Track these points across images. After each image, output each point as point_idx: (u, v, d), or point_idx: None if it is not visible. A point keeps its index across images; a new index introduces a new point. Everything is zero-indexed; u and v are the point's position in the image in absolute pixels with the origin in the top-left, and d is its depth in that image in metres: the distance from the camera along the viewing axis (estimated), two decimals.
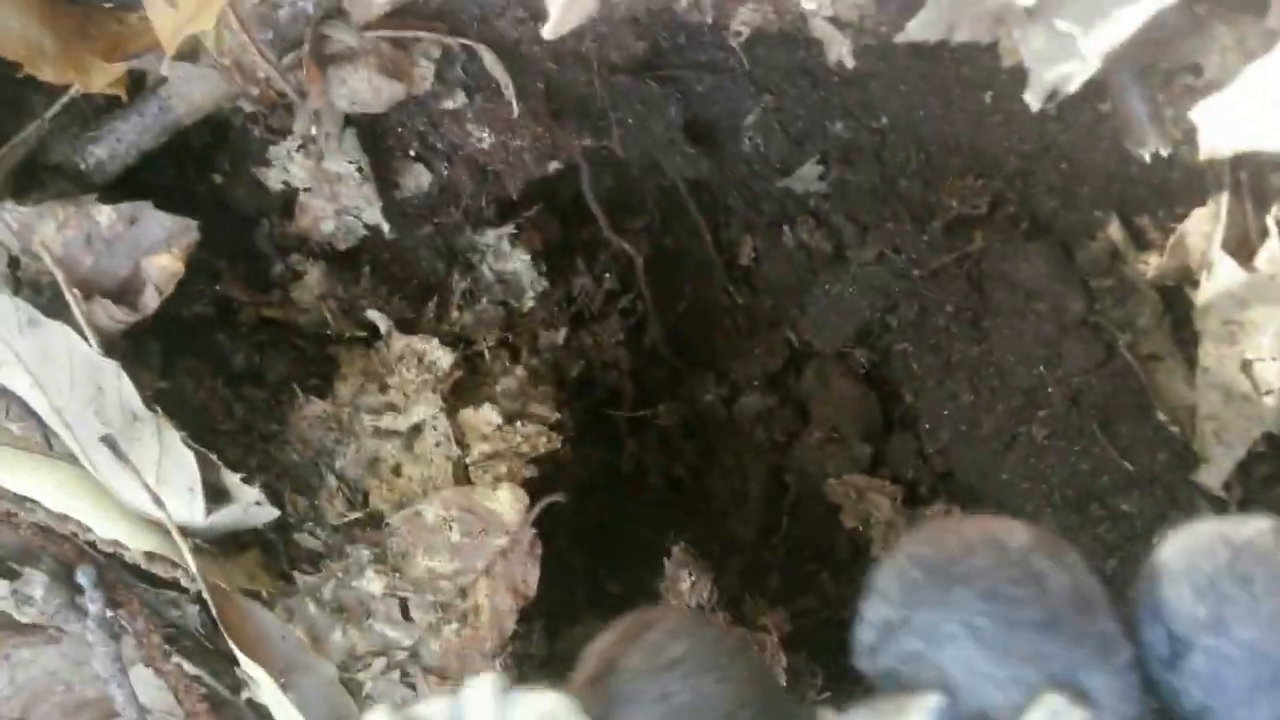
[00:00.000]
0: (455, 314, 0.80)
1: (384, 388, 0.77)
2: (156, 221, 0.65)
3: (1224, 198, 0.71)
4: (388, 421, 0.76)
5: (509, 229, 0.79)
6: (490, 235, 0.80)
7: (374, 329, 0.79)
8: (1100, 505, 0.86)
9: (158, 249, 0.64)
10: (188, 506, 0.65)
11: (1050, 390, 0.87)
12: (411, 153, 0.79)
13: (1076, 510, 0.87)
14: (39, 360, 0.64)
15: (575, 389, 0.88)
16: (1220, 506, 0.79)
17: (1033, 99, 0.61)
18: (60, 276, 0.64)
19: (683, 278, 1.00)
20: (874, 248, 0.92)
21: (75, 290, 0.64)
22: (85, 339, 0.64)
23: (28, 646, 0.76)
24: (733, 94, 0.91)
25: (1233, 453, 0.73)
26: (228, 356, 0.80)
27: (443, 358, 0.77)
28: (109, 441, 0.62)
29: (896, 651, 0.30)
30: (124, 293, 0.66)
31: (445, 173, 0.80)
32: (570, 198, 0.90)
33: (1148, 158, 0.67)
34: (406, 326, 0.79)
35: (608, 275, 0.87)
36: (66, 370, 0.64)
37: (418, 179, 0.80)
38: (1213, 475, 0.74)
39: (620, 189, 0.91)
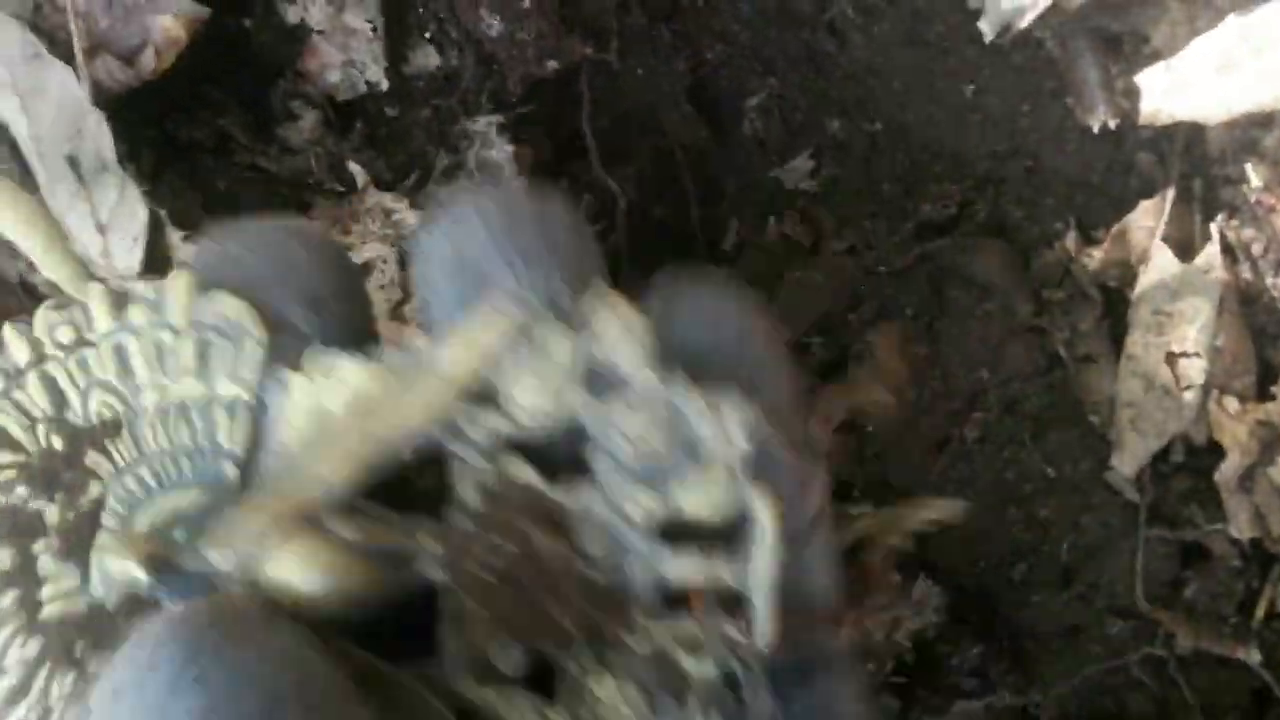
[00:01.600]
0: (431, 188, 0.84)
1: (347, 231, 0.80)
2: (175, 2, 0.71)
3: (1170, 193, 0.74)
4: None
5: (499, 118, 0.84)
6: (482, 122, 0.85)
7: (351, 185, 0.83)
8: (1018, 508, 0.85)
9: (167, 14, 0.69)
10: (128, 253, 0.68)
11: (989, 394, 0.88)
12: (427, 34, 0.85)
13: (996, 512, 0.87)
14: (32, 91, 0.68)
15: None
16: (1131, 511, 0.78)
17: (987, 28, 0.65)
18: (74, 26, 0.69)
19: (662, 244, 1.03)
20: (847, 240, 0.96)
21: (84, 42, 0.69)
22: (80, 85, 0.69)
23: None
24: (741, 70, 0.97)
25: (1147, 443, 0.73)
26: (211, 179, 0.84)
27: (409, 218, 0.81)
28: (73, 161, 0.66)
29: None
30: (129, 58, 0.71)
31: (454, 60, 0.85)
32: (567, 134, 0.95)
33: (1096, 128, 0.70)
34: (383, 186, 0.82)
35: (588, 198, 0.91)
36: (54, 106, 0.68)
37: (427, 59, 0.85)
38: (1125, 462, 0.74)
39: (617, 133, 0.96)
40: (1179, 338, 0.72)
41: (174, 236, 0.69)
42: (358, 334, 0.35)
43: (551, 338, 0.32)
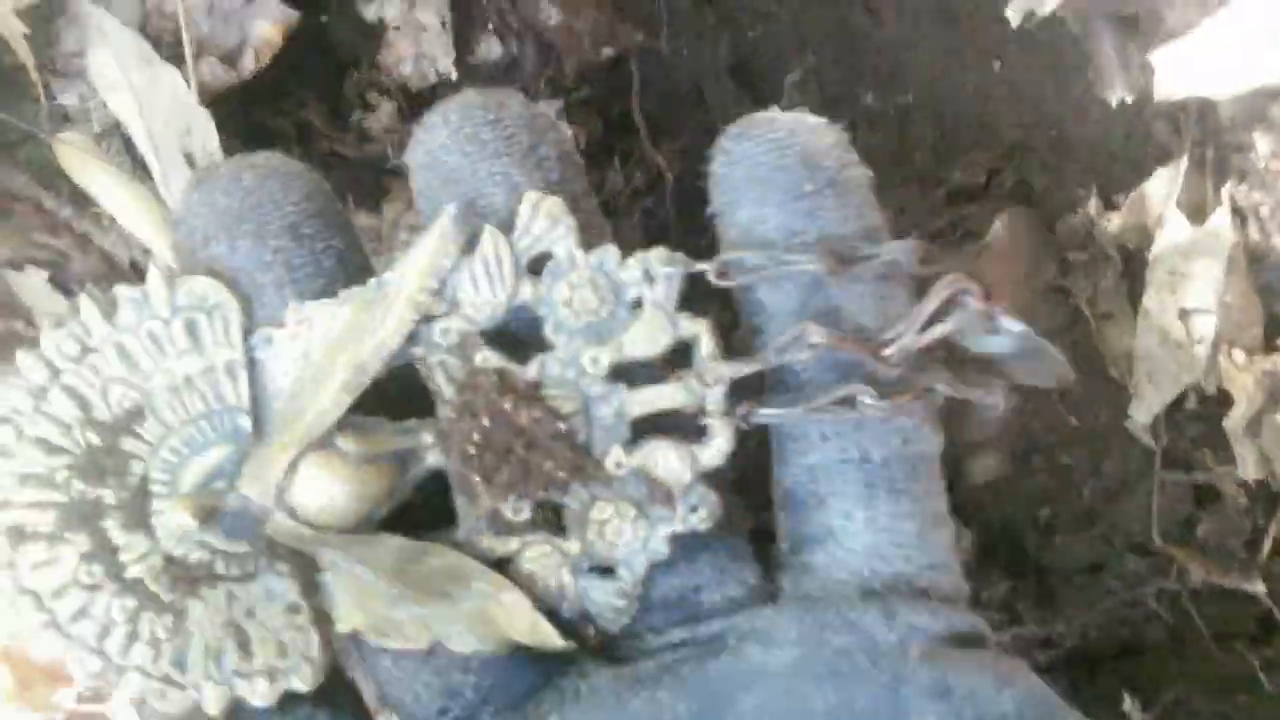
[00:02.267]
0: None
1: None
2: (270, 5, 0.78)
3: (1184, 161, 0.79)
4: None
5: (559, 103, 0.91)
6: (541, 106, 0.91)
7: None
8: (1043, 458, 0.92)
9: (265, 21, 0.76)
10: None
11: None
12: (490, 26, 0.91)
13: (1022, 461, 0.93)
14: (146, 92, 0.76)
15: None
16: (1148, 457, 0.85)
17: (1013, 15, 0.71)
18: (185, 32, 0.77)
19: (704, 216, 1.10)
20: (882, 207, 1.02)
21: (192, 45, 0.77)
22: (189, 85, 0.77)
23: None
24: (780, 47, 1.02)
25: (1161, 393, 0.80)
26: None
27: None
28: (189, 157, 0.74)
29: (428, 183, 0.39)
30: (228, 59, 0.79)
31: (515, 49, 0.92)
32: (618, 112, 1.01)
33: (1114, 102, 0.76)
34: None
35: (638, 174, 0.98)
36: (166, 107, 0.76)
37: (490, 49, 0.92)
38: (1141, 411, 0.81)
39: (665, 111, 1.02)
40: (1191, 295, 0.78)
41: None
42: (342, 256, 0.38)
43: (489, 240, 0.36)
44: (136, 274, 0.82)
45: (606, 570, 0.38)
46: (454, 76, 0.89)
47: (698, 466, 0.37)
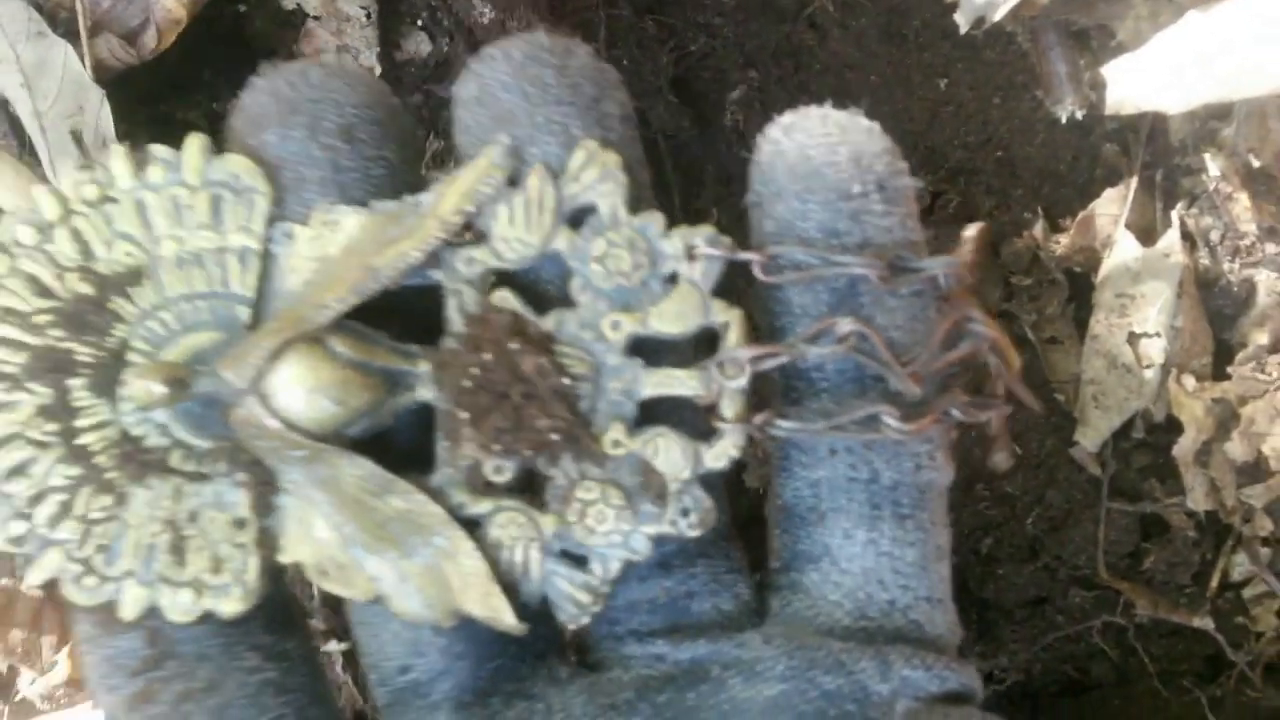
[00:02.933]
0: (423, 172, 0.86)
1: None
2: None
3: (1133, 182, 0.78)
4: None
5: None
6: None
7: None
8: (985, 486, 0.89)
9: None
10: None
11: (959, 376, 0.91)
12: (418, 22, 0.87)
13: (964, 490, 0.90)
14: (35, 67, 0.70)
15: None
16: (1094, 486, 0.82)
17: (962, 21, 0.68)
18: (79, 4, 0.71)
19: None
20: None
21: (88, 20, 0.71)
22: (83, 63, 0.70)
23: None
24: (723, 62, 1.00)
25: (1109, 418, 0.77)
26: None
27: None
28: (76, 136, 0.67)
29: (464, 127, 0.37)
30: (130, 38, 0.73)
31: (445, 47, 0.87)
32: None
33: (1064, 119, 0.74)
34: None
35: None
36: (57, 83, 0.70)
37: (418, 46, 0.87)
38: (1089, 438, 0.78)
39: None
40: (1140, 319, 0.76)
41: None
42: (393, 169, 0.37)
43: (537, 178, 0.35)
44: None
45: (578, 559, 0.36)
46: (377, 71, 0.84)
47: (700, 466, 0.35)
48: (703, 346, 0.36)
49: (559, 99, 0.35)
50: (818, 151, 0.35)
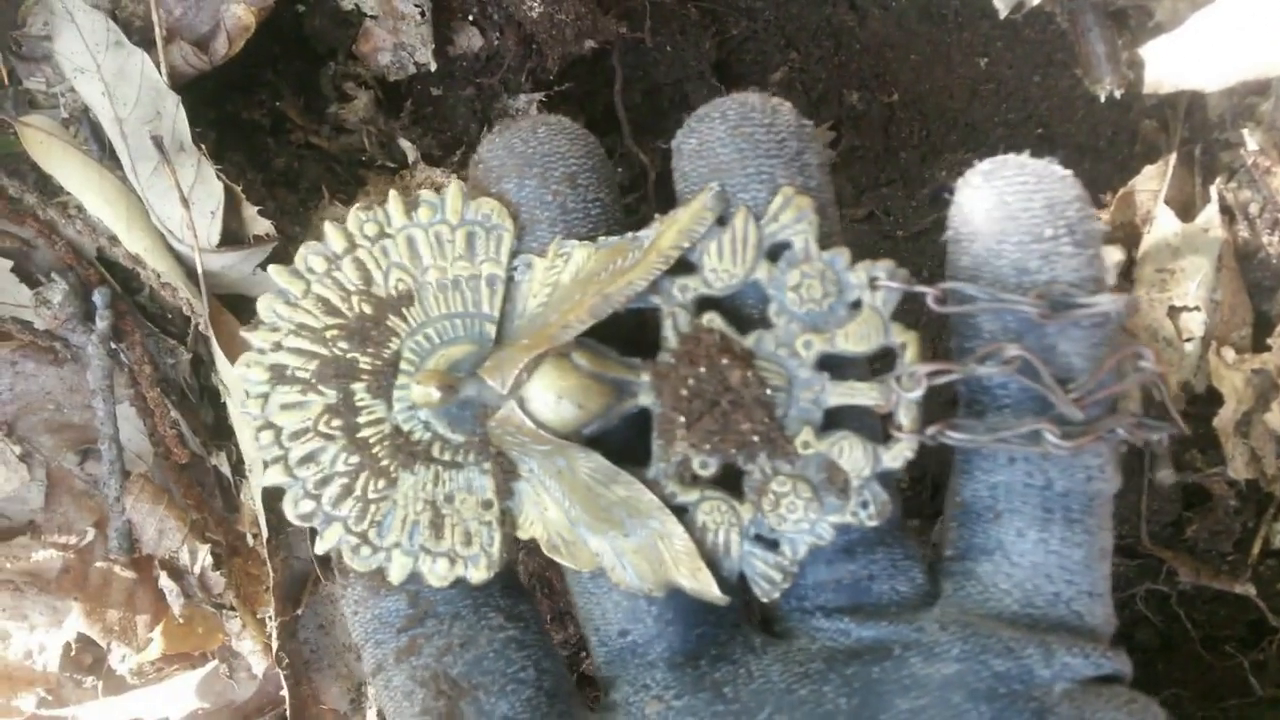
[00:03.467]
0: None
1: None
2: None
3: (1172, 158, 0.79)
4: None
5: (540, 96, 0.89)
6: (523, 100, 0.90)
7: (402, 162, 0.89)
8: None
9: (239, 5, 0.74)
10: (208, 225, 0.74)
11: None
12: (470, 17, 0.90)
13: None
14: (114, 76, 0.74)
15: None
16: (1137, 457, 0.84)
17: (1001, 6, 0.70)
18: (155, 14, 0.74)
19: None
20: (866, 207, 1.01)
21: (163, 29, 0.74)
22: (159, 70, 0.74)
23: (33, 360, 0.84)
24: (764, 45, 1.01)
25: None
26: (271, 158, 0.89)
27: None
28: (157, 140, 0.71)
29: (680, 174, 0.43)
30: (201, 44, 0.77)
31: (495, 41, 0.90)
32: (600, 108, 1.00)
33: (1103, 98, 0.75)
34: (432, 162, 0.88)
35: (620, 170, 0.96)
36: (135, 90, 0.74)
37: (470, 41, 0.90)
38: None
39: (648, 108, 1.01)
40: (1180, 293, 0.77)
41: (249, 209, 0.74)
42: (607, 209, 0.44)
43: (742, 219, 0.41)
44: (103, 263, 0.80)
45: (771, 543, 0.41)
46: (432, 68, 0.87)
47: (878, 465, 0.40)
48: (880, 364, 0.42)
49: (767, 153, 0.41)
50: (1015, 198, 0.40)
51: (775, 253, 0.41)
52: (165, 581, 0.87)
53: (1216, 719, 0.83)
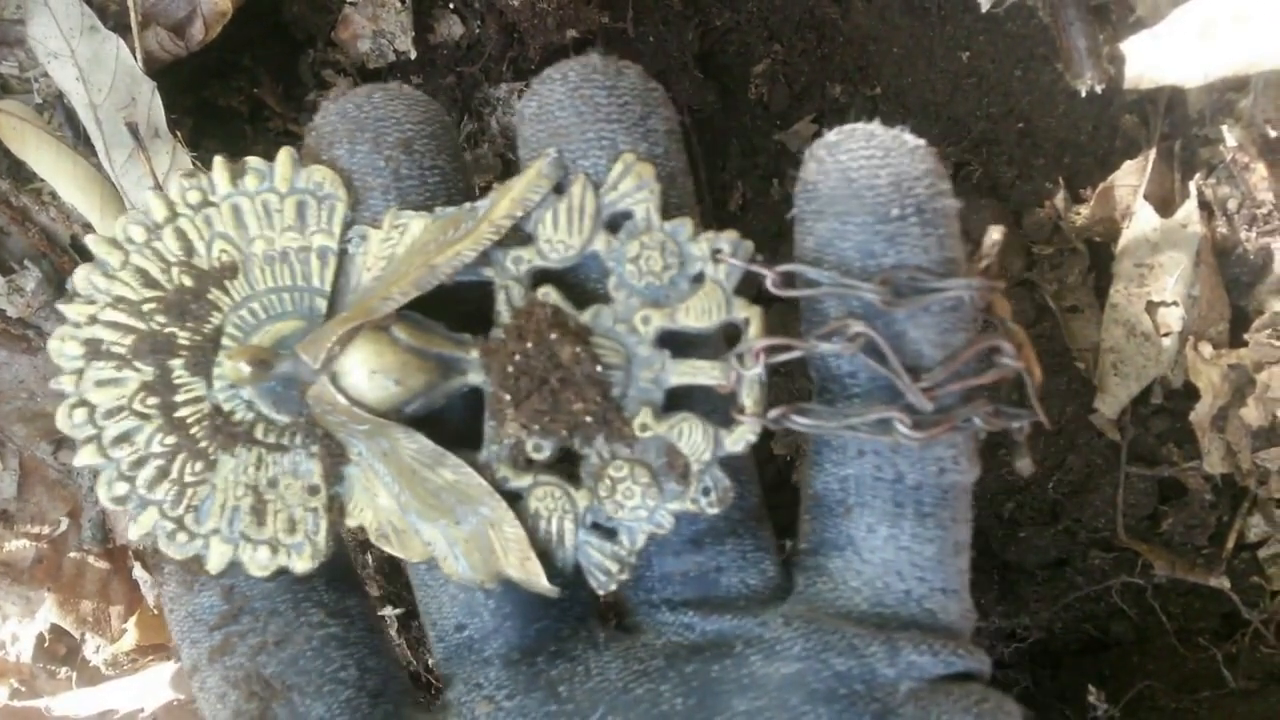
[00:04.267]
0: (462, 149, 0.88)
1: None
2: None
3: (1152, 154, 0.79)
4: None
5: (520, 85, 0.89)
6: (503, 89, 0.89)
7: None
8: (1006, 451, 0.91)
9: None
10: None
11: None
12: (450, 5, 0.89)
13: (987, 453, 0.92)
14: (89, 61, 0.73)
15: None
16: (1113, 451, 0.84)
17: (984, 0, 0.70)
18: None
19: None
20: None
21: (138, 14, 0.73)
22: (134, 55, 0.73)
23: (6, 349, 0.83)
24: (748, 37, 1.01)
25: (1127, 386, 0.79)
26: (248, 146, 0.88)
27: None
28: (132, 127, 0.70)
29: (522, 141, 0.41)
30: (177, 30, 0.76)
31: (476, 29, 0.89)
32: None
33: (1084, 92, 0.75)
34: None
35: None
36: (110, 76, 0.73)
37: (450, 29, 0.89)
38: (1108, 405, 0.80)
39: None
40: (1159, 288, 0.77)
41: None
42: (446, 178, 0.41)
43: (579, 187, 0.39)
44: (77, 251, 0.79)
45: (609, 531, 0.39)
46: (413, 55, 0.87)
47: (720, 449, 0.38)
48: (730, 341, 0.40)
49: (608, 117, 0.38)
50: (861, 173, 0.37)
51: (616, 223, 0.39)
52: (139, 572, 0.86)
53: (1192, 709, 0.84)
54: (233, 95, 0.89)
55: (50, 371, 0.83)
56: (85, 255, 0.81)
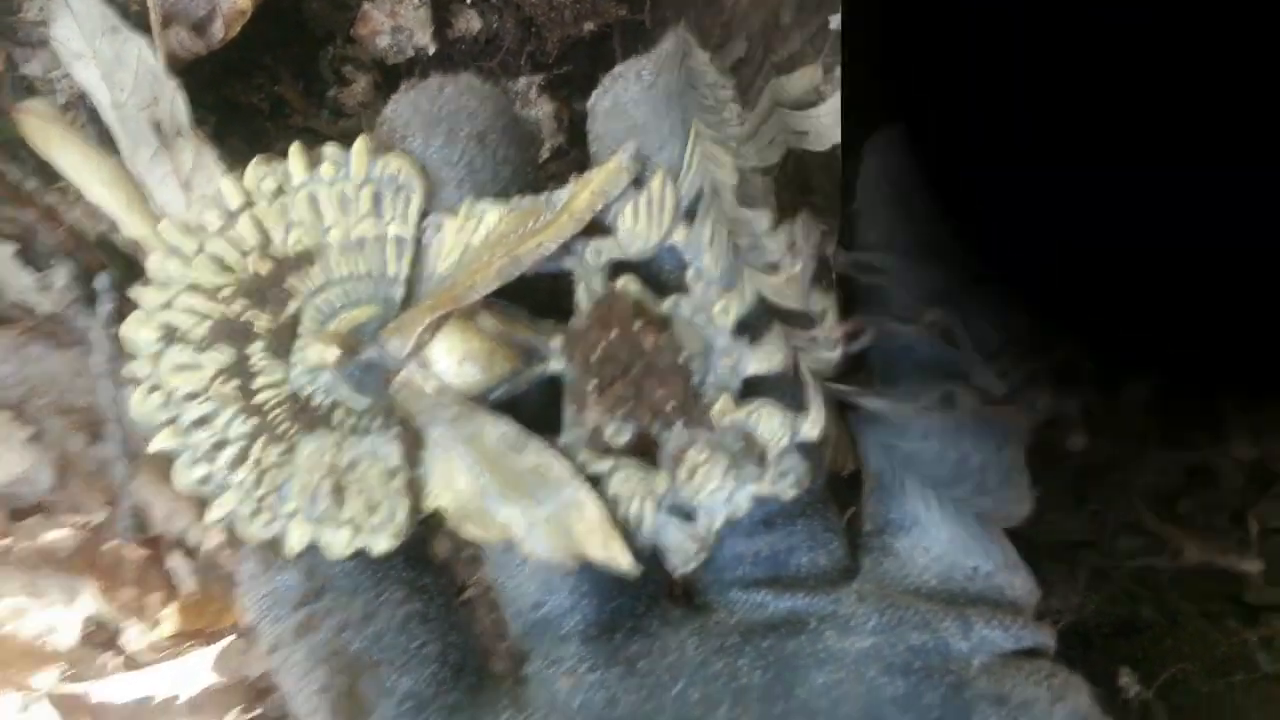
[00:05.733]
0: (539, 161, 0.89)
1: None
2: None
3: None
4: None
5: (538, 78, 0.89)
6: (522, 82, 0.90)
7: None
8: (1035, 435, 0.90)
9: None
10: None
11: None
12: (468, 0, 0.90)
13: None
14: (112, 62, 0.74)
15: None
16: (1142, 433, 0.83)
17: None
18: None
19: None
20: None
21: (159, 13, 0.75)
22: (156, 56, 0.75)
23: (40, 344, 0.85)
24: None
25: None
26: (270, 142, 0.90)
27: None
28: (157, 126, 0.72)
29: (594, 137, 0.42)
30: (198, 29, 0.77)
31: (494, 23, 0.90)
32: None
33: None
34: None
35: None
36: (132, 76, 0.75)
37: (469, 24, 0.90)
38: (1135, 387, 0.79)
39: None
40: None
41: None
42: (518, 169, 0.42)
43: (659, 181, 0.39)
44: (104, 248, 0.81)
45: (687, 514, 0.40)
46: (431, 51, 0.87)
47: (796, 435, 0.40)
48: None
49: (685, 109, 0.39)
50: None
51: (693, 211, 0.40)
52: (176, 560, 0.88)
53: (1223, 692, 0.83)
54: (253, 93, 0.90)
55: (82, 367, 0.86)
56: (113, 253, 0.83)
